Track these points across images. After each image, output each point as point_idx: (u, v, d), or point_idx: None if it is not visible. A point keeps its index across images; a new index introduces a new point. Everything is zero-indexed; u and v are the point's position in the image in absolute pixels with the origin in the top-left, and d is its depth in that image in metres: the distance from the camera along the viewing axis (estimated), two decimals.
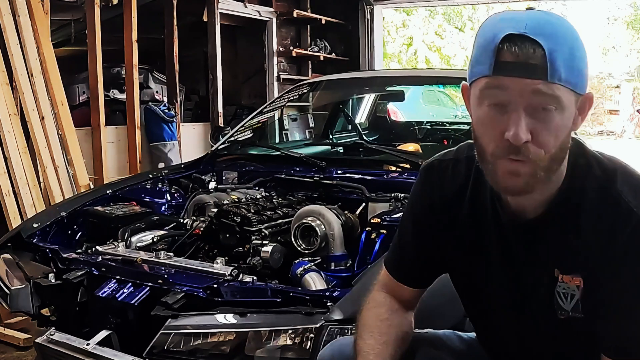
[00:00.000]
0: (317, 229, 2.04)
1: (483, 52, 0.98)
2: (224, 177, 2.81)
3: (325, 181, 2.45)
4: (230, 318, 1.65)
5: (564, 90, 0.96)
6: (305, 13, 6.61)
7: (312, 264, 1.96)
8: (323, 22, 6.77)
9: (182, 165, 3.09)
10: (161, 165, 4.66)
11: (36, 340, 1.92)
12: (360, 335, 1.21)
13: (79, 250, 2.18)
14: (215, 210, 2.27)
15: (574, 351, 1.13)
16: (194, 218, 2.40)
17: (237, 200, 2.39)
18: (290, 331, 1.54)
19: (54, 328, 1.92)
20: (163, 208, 2.63)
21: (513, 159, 0.98)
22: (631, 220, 1.00)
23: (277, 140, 4.11)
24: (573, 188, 1.05)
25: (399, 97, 4.04)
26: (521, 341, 1.18)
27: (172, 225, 2.37)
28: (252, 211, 2.18)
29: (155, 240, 2.22)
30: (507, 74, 0.96)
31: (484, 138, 1.02)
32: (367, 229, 1.98)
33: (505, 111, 0.97)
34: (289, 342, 1.53)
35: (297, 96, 3.62)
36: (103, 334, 1.78)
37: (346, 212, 2.17)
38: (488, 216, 1.14)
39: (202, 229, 2.25)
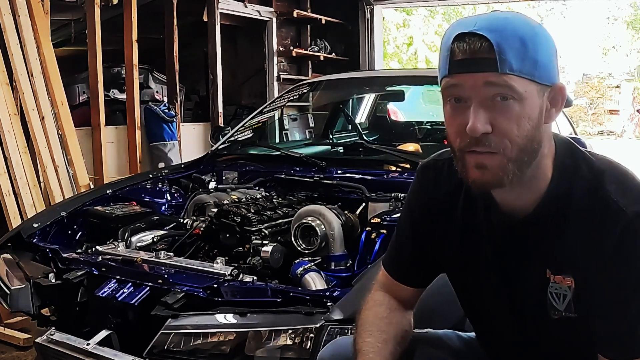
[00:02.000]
0: (317, 228, 2.04)
1: (441, 55, 1.03)
2: (224, 177, 2.81)
3: (325, 181, 2.45)
4: (230, 318, 1.65)
5: (518, 80, 0.97)
6: (305, 13, 6.61)
7: (312, 263, 1.96)
8: (323, 22, 6.77)
9: (182, 165, 3.09)
10: (161, 165, 4.66)
11: (36, 340, 1.92)
12: (360, 334, 1.21)
13: (79, 250, 2.18)
14: (215, 210, 2.27)
15: (571, 351, 1.13)
16: (194, 218, 2.40)
17: (237, 200, 2.39)
18: (290, 331, 1.54)
19: (54, 328, 1.92)
20: (163, 208, 2.63)
21: (478, 152, 1.00)
22: (620, 219, 1.00)
23: (277, 140, 4.11)
24: (560, 189, 1.06)
25: (399, 97, 4.04)
26: (518, 341, 1.19)
27: (172, 225, 2.37)
28: (252, 211, 2.18)
29: (155, 240, 2.22)
30: (460, 71, 1.00)
31: (451, 135, 1.05)
32: (367, 228, 1.98)
33: (465, 107, 1.00)
34: (289, 342, 1.53)
35: (297, 96, 3.62)
36: (103, 333, 1.78)
37: (346, 212, 2.17)
38: (480, 216, 1.14)
39: (202, 228, 2.25)
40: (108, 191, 2.62)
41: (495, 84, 0.97)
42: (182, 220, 2.40)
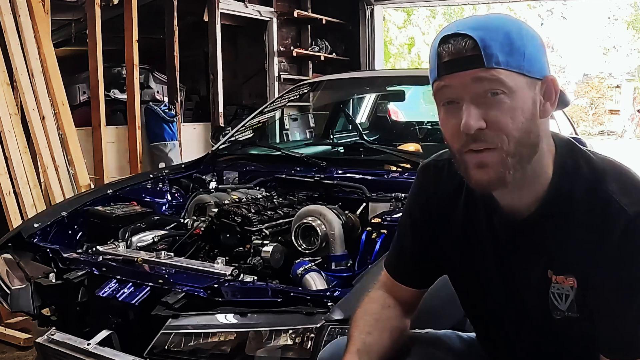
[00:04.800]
0: (317, 228, 2.04)
1: (430, 61, 1.04)
2: (224, 177, 2.81)
3: (325, 181, 2.45)
4: (230, 318, 1.65)
5: (506, 73, 0.98)
6: (306, 13, 6.61)
7: (313, 263, 1.96)
8: (324, 22, 6.77)
9: (183, 165, 3.09)
10: (162, 165, 4.66)
11: (37, 340, 1.92)
12: (350, 331, 1.22)
13: (80, 250, 2.18)
14: (215, 210, 2.27)
15: (573, 351, 1.13)
16: (195, 218, 2.40)
17: (237, 200, 2.39)
18: (290, 331, 1.54)
19: (54, 328, 1.92)
20: (164, 208, 2.62)
21: (476, 150, 1.00)
22: (621, 219, 0.99)
23: (277, 140, 4.11)
24: (561, 188, 1.05)
25: (400, 97, 4.04)
26: (519, 341, 1.19)
27: (172, 225, 2.37)
28: (253, 211, 2.18)
29: (155, 240, 2.22)
30: (449, 72, 1.00)
31: (448, 138, 1.05)
32: (368, 229, 1.98)
33: (458, 107, 1.01)
34: (289, 342, 1.53)
35: (298, 96, 3.62)
36: (104, 333, 1.78)
37: (347, 212, 2.17)
38: (481, 217, 1.14)
39: (202, 228, 2.25)
40: (108, 191, 2.62)
41: (484, 79, 0.98)
42: (182, 220, 2.40)
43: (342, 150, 3.09)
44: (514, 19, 1.03)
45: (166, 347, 1.63)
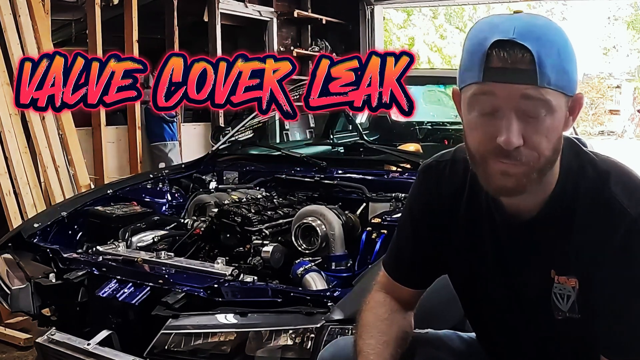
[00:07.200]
0: (317, 229, 2.04)
1: (472, 58, 0.98)
2: (224, 177, 2.81)
3: (325, 181, 2.45)
4: (230, 318, 1.65)
5: (553, 93, 0.96)
6: (306, 13, 6.62)
7: (313, 264, 1.96)
8: (324, 22, 6.78)
9: (183, 165, 3.09)
10: (162, 165, 4.67)
11: (37, 340, 1.92)
12: (360, 336, 1.21)
13: (80, 250, 2.18)
14: (215, 210, 2.27)
15: (574, 352, 1.13)
16: (195, 218, 2.40)
17: (237, 200, 2.39)
18: (290, 331, 1.54)
19: (54, 328, 1.92)
20: (164, 208, 2.62)
21: (504, 162, 0.98)
22: (624, 220, 0.99)
23: (277, 140, 4.11)
24: (566, 189, 1.05)
25: None
26: (520, 341, 1.19)
27: (172, 225, 2.37)
28: (253, 211, 2.18)
29: (155, 240, 2.22)
30: (497, 80, 0.96)
31: (474, 142, 1.02)
32: (368, 229, 1.98)
33: (496, 116, 0.98)
34: (289, 342, 1.53)
35: (298, 96, 3.61)
36: (104, 334, 1.78)
37: (347, 212, 2.17)
38: (483, 217, 1.14)
39: (202, 229, 2.25)
40: (109, 191, 2.62)
41: (533, 97, 0.95)
42: (182, 221, 2.40)
43: (342, 151, 3.09)
44: (561, 30, 0.99)
45: (166, 347, 1.63)
